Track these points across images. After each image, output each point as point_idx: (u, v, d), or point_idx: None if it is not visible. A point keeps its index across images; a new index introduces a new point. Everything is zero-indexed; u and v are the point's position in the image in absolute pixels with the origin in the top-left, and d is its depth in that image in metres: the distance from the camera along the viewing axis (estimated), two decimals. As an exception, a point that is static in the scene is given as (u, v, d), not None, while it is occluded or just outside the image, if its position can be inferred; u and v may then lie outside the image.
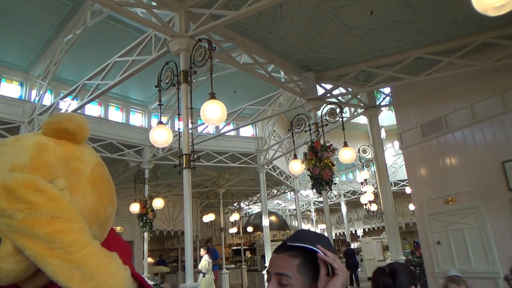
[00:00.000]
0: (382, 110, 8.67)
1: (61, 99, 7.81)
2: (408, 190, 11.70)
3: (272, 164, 12.94)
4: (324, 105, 7.17)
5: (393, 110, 8.70)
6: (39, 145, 0.98)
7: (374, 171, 9.46)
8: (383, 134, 13.36)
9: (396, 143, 15.20)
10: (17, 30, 7.29)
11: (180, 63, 4.90)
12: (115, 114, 10.45)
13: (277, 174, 13.68)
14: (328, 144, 6.31)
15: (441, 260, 6.54)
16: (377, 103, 8.46)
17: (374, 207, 12.86)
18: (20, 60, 8.40)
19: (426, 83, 7.17)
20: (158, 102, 5.45)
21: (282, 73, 7.78)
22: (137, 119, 10.89)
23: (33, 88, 8.64)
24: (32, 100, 8.44)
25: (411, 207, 13.04)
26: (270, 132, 12.22)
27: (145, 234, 9.50)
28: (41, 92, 8.04)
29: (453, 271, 3.35)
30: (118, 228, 12.81)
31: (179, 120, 4.83)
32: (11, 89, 8.59)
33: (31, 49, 8.04)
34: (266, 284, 1.13)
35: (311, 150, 6.24)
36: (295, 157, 7.50)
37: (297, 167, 7.16)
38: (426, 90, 7.31)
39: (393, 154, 17.03)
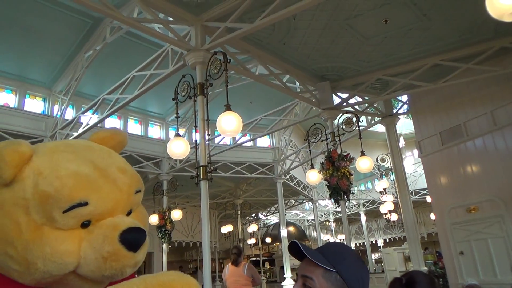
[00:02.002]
0: (399, 118, 8.58)
1: (82, 113, 8.02)
2: (428, 199, 11.47)
3: (290, 174, 12.89)
4: (341, 114, 7.14)
5: (411, 118, 8.60)
6: (115, 152, 1.21)
7: (393, 180, 9.33)
8: (401, 142, 13.18)
9: (416, 151, 14.96)
10: (41, 48, 7.57)
11: (196, 76, 4.99)
12: (134, 127, 10.65)
13: (294, 184, 13.61)
14: (345, 154, 6.27)
15: (464, 271, 6.37)
16: (395, 111, 8.37)
17: (394, 217, 12.62)
18: (43, 77, 8.69)
19: (444, 90, 7.08)
20: (175, 115, 5.54)
21: (298, 83, 7.81)
22: (155, 131, 11.07)
23: (55, 103, 8.91)
24: (54, 115, 8.70)
25: (433, 216, 12.76)
26: (286, 142, 12.21)
27: (164, 246, 9.57)
28: (63, 107, 8.28)
29: (469, 280, 3.26)
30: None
31: (196, 132, 4.89)
32: (35, 104, 8.88)
33: (53, 66, 8.31)
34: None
35: (328, 159, 6.21)
36: (312, 167, 7.47)
37: (314, 177, 7.13)
38: (444, 97, 7.21)
39: (412, 162, 16.75)
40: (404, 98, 8.29)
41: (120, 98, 6.97)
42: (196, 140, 4.82)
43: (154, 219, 9.21)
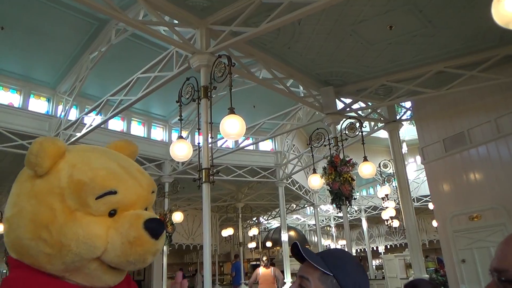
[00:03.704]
0: (403, 124, 8.57)
1: (86, 114, 8.04)
2: (431, 206, 11.42)
3: (291, 179, 12.87)
4: (344, 119, 7.14)
5: (414, 124, 8.59)
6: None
7: (395, 186, 9.30)
8: (404, 148, 13.15)
9: (418, 158, 14.91)
10: (46, 48, 7.60)
11: (200, 78, 5.00)
12: (137, 129, 10.67)
13: (296, 188, 13.59)
14: (347, 159, 6.26)
15: (466, 279, 6.33)
16: (398, 117, 8.36)
17: (396, 223, 12.58)
18: (48, 77, 8.73)
19: (448, 97, 7.07)
20: (178, 117, 5.55)
21: (301, 87, 7.82)
22: (158, 133, 11.09)
23: (59, 104, 8.94)
24: (58, 115, 8.72)
25: (435, 223, 12.71)
26: (289, 147, 12.20)
27: (165, 248, 9.56)
28: (67, 108, 8.31)
29: None
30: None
31: (199, 134, 4.90)
32: (39, 104, 8.91)
33: (58, 66, 8.35)
34: None
35: (331, 164, 6.20)
36: (314, 171, 7.46)
37: (316, 181, 7.12)
38: (448, 104, 7.20)
39: (415, 169, 16.68)
40: (408, 104, 8.29)
41: (124, 100, 6.99)
42: (199, 143, 4.82)
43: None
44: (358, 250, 23.21)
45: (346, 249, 7.65)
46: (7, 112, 8.04)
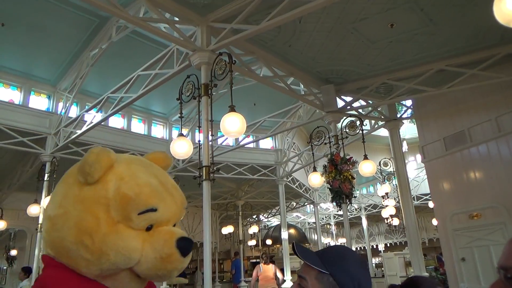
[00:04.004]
0: (403, 123, 8.57)
1: (86, 111, 8.04)
2: (431, 204, 11.43)
3: (292, 177, 12.88)
4: (344, 117, 7.14)
5: (414, 123, 8.58)
6: None
7: (395, 184, 9.31)
8: (405, 147, 13.15)
9: (419, 156, 14.91)
10: (46, 45, 7.59)
11: (201, 76, 5.00)
12: (138, 126, 10.66)
13: (296, 186, 13.60)
14: (348, 157, 6.26)
15: (466, 277, 6.34)
16: (398, 116, 8.35)
17: (396, 222, 12.59)
18: (48, 74, 8.72)
19: (449, 96, 7.06)
20: (179, 115, 5.55)
21: (302, 85, 7.81)
22: (158, 131, 11.08)
23: (60, 101, 8.93)
24: (58, 112, 8.72)
25: (434, 222, 12.72)
26: (289, 145, 12.20)
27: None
28: (67, 105, 8.30)
29: (463, 286, 3.23)
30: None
31: (199, 132, 4.89)
32: (39, 101, 8.91)
33: (58, 63, 8.34)
34: None
35: (331, 162, 6.20)
36: (315, 169, 7.46)
37: (316, 180, 7.12)
38: (448, 102, 7.20)
39: (415, 167, 16.69)
40: (408, 102, 8.28)
41: (124, 97, 6.98)
42: (199, 141, 4.82)
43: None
44: (358, 248, 23.23)
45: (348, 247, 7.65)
46: (7, 109, 8.03)
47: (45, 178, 7.90)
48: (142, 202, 1.11)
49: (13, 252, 11.87)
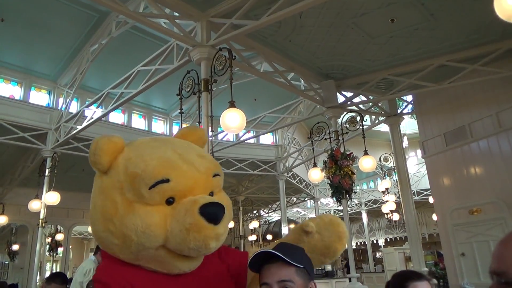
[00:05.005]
0: (404, 118, 8.55)
1: (87, 106, 8.04)
2: (431, 199, 11.45)
3: (292, 172, 12.89)
4: (345, 113, 7.13)
5: (415, 118, 8.57)
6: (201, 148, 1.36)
7: (396, 180, 9.32)
8: (405, 142, 13.14)
9: (419, 152, 14.90)
10: (46, 40, 7.58)
11: (201, 72, 4.99)
12: (138, 122, 10.67)
13: (296, 182, 13.61)
14: (348, 153, 6.26)
15: (465, 272, 6.36)
16: (399, 111, 8.34)
17: (396, 217, 12.61)
18: (48, 69, 8.71)
19: (450, 91, 7.05)
20: (179, 110, 5.54)
21: (302, 81, 7.80)
22: (159, 126, 11.09)
23: (60, 96, 8.93)
24: (59, 108, 8.72)
25: (434, 217, 12.75)
26: (290, 140, 12.20)
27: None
28: (67, 100, 8.30)
29: (466, 284, 3.24)
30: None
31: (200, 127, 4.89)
32: (40, 97, 8.91)
33: (59, 59, 8.33)
34: None
35: (331, 158, 6.20)
36: (315, 165, 7.47)
37: (316, 175, 7.13)
38: (449, 97, 7.18)
39: (416, 162, 16.69)
40: (409, 98, 8.27)
41: (125, 93, 6.98)
42: (199, 136, 4.80)
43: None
44: (358, 243, 23.31)
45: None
46: (8, 105, 8.04)
47: (46, 174, 7.92)
48: (149, 175, 1.11)
49: (15, 247, 11.93)
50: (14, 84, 8.57)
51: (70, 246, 13.14)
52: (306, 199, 17.42)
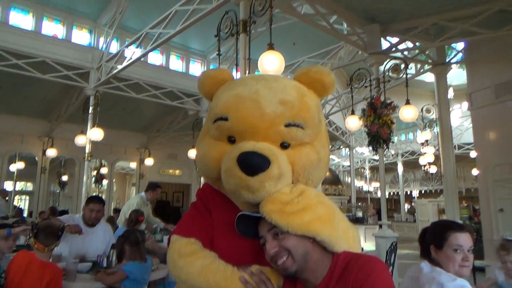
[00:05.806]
0: (452, 68, 8.04)
1: (126, 46, 8.09)
2: (473, 154, 11.04)
3: (329, 119, 12.72)
4: (388, 60, 6.78)
5: (464, 68, 8.04)
6: (300, 88, 1.20)
7: (436, 132, 9.00)
8: (450, 93, 12.49)
9: (465, 104, 14.17)
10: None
11: (239, 12, 4.83)
12: (176, 63, 10.70)
13: (333, 129, 13.48)
14: (388, 101, 6.04)
15: (501, 227, 6.27)
16: (447, 60, 7.82)
17: (433, 169, 12.34)
18: (89, 8, 8.75)
19: (507, 40, 6.47)
20: (217, 52, 5.47)
21: (345, 25, 7.40)
22: (196, 68, 11.09)
23: (100, 36, 9.04)
24: (100, 48, 8.86)
25: (474, 172, 12.38)
26: (328, 87, 11.89)
27: (202, 179, 9.97)
28: (108, 40, 8.39)
29: (507, 235, 3.16)
30: (176, 172, 13.58)
31: (236, 71, 4.84)
32: (82, 36, 9.06)
33: (99, -3, 8.32)
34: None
35: (370, 106, 6.02)
36: (353, 112, 7.30)
37: (354, 123, 7.00)
38: (505, 46, 6.63)
39: (460, 115, 15.96)
40: (460, 46, 7.69)
41: (163, 33, 6.94)
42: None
43: (193, 153, 9.55)
44: (391, 193, 23.28)
45: (380, 192, 7.66)
46: (52, 43, 8.26)
47: (90, 111, 8.25)
48: (214, 111, 1.21)
49: (64, 178, 12.86)
50: (57, 22, 8.72)
51: (114, 180, 13.96)
52: (342, 147, 17.31)
